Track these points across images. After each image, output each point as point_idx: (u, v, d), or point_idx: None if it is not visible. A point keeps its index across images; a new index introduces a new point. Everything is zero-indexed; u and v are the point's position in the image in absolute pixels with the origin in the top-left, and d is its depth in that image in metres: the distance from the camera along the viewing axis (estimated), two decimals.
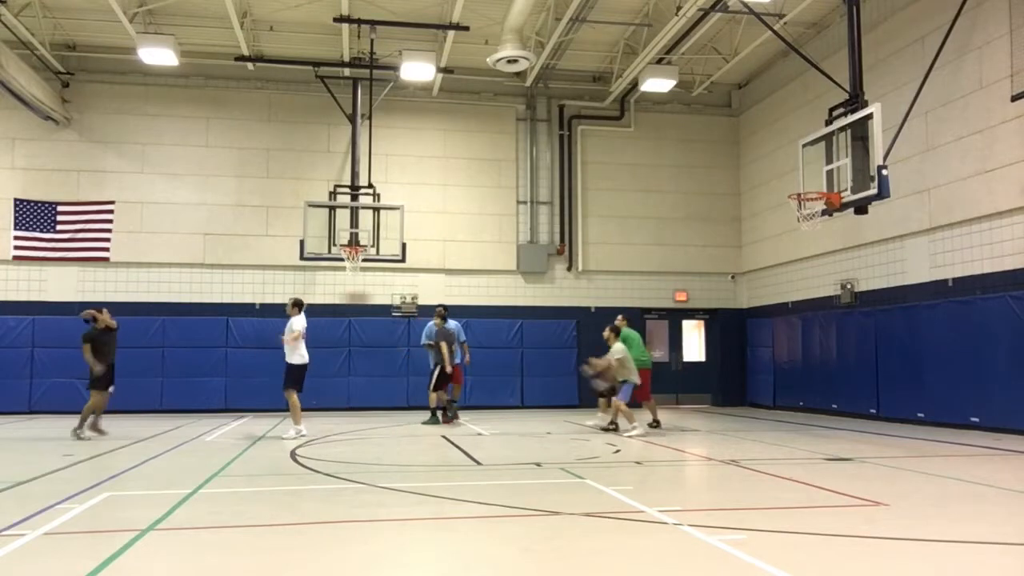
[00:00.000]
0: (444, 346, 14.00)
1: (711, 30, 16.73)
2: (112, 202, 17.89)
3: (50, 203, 17.64)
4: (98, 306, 13.57)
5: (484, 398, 18.14)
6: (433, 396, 14.38)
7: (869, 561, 4.57)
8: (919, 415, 13.74)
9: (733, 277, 20.38)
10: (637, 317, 19.90)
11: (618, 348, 12.31)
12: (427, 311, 18.80)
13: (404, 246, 16.50)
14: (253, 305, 18.31)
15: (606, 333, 12.79)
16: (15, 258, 17.43)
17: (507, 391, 18.61)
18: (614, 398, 12.36)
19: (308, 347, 18.02)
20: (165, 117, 18.33)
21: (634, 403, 12.40)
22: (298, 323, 12.18)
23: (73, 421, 12.35)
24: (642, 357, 13.14)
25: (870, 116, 10.78)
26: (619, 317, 13.69)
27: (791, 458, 9.20)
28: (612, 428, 12.77)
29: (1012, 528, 5.56)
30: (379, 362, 18.28)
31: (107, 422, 14.89)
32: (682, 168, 20.29)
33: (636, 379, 12.17)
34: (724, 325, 20.11)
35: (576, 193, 19.80)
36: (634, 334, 13.51)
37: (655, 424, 13.22)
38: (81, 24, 16.82)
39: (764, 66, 19.14)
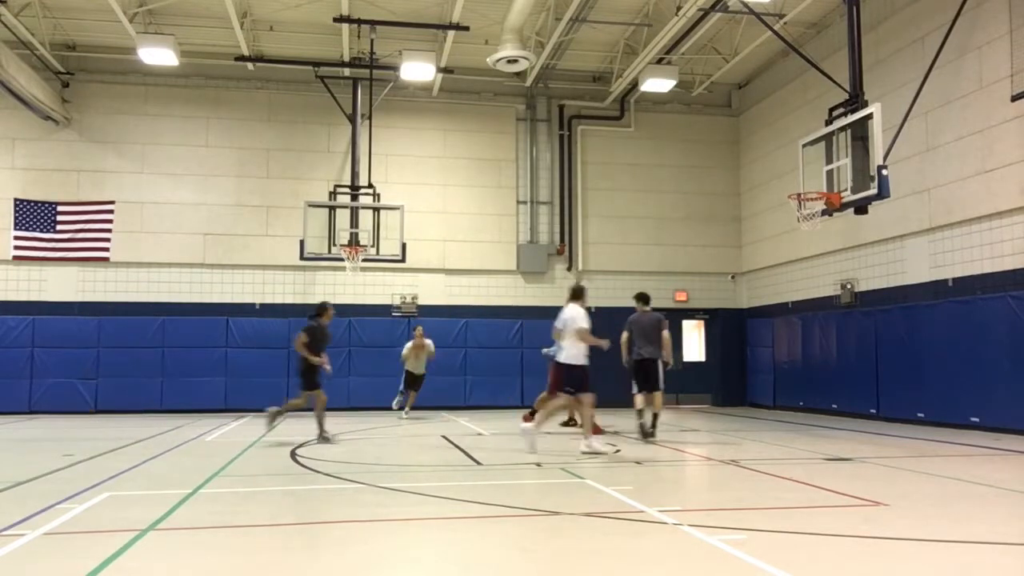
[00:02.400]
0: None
1: (711, 30, 16.73)
2: (112, 202, 17.89)
3: (50, 203, 17.64)
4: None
5: (484, 398, 18.15)
6: (639, 398, 11.29)
7: (869, 561, 4.57)
8: (919, 415, 13.74)
9: (733, 277, 20.38)
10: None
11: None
12: (427, 311, 18.84)
13: (404, 246, 16.49)
14: (253, 305, 18.31)
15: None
16: (15, 258, 17.43)
17: (507, 391, 18.59)
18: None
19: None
20: (165, 117, 18.34)
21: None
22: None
23: (73, 421, 12.34)
24: None
25: (870, 116, 10.77)
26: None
27: (791, 458, 9.20)
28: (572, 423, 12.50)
29: (1012, 528, 5.55)
30: (379, 362, 18.26)
31: (107, 422, 14.91)
32: (682, 168, 20.29)
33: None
34: (724, 325, 20.11)
35: (576, 193, 19.80)
36: None
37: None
38: (81, 24, 16.82)
39: (764, 66, 19.14)
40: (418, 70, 16.68)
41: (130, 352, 17.40)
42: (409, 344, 15.83)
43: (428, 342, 15.75)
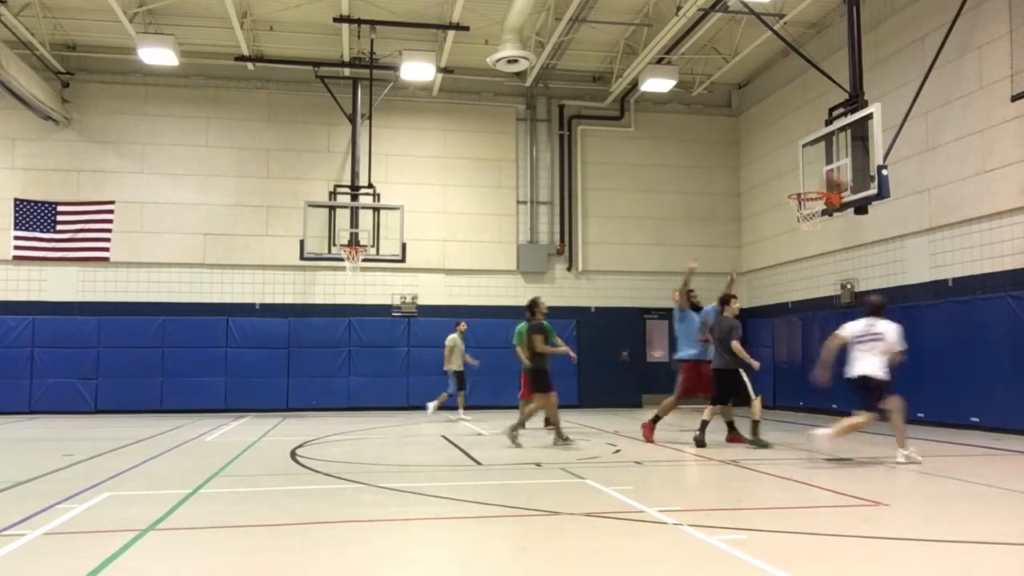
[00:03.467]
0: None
1: (711, 30, 16.74)
2: (112, 202, 17.89)
3: (50, 203, 17.64)
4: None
5: (484, 398, 18.12)
6: (757, 403, 10.44)
7: (869, 561, 4.57)
8: (919, 415, 13.71)
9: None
10: (637, 317, 19.95)
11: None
12: (427, 311, 18.84)
13: (404, 246, 16.49)
14: (253, 305, 18.31)
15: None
16: (15, 258, 17.43)
17: (508, 391, 18.55)
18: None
19: (308, 347, 18.16)
20: (165, 117, 18.34)
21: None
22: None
23: (73, 421, 12.33)
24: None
25: (870, 116, 10.78)
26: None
27: (791, 458, 9.20)
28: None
29: (1012, 528, 5.55)
30: (379, 362, 18.28)
31: (107, 422, 14.91)
32: (682, 168, 20.29)
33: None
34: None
35: (576, 193, 19.80)
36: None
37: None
38: (81, 24, 16.82)
39: (764, 66, 19.14)
40: (418, 70, 16.68)
41: (130, 352, 17.40)
42: (454, 336, 15.44)
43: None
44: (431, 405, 15.71)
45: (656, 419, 10.94)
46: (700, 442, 10.13)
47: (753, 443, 10.22)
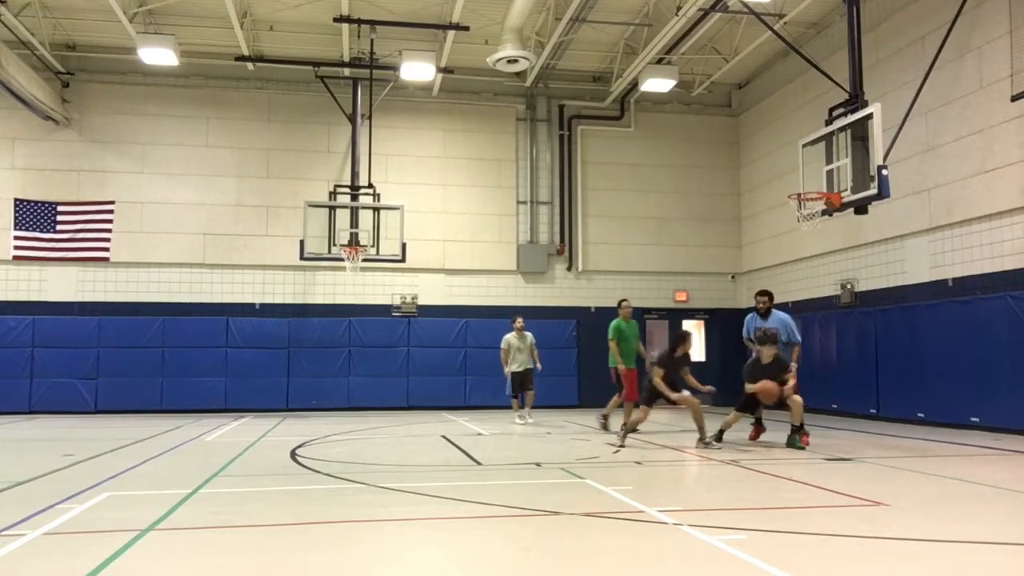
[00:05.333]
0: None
1: (711, 30, 16.74)
2: (112, 202, 17.90)
3: (50, 203, 17.64)
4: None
5: (484, 398, 18.13)
6: (798, 401, 10.35)
7: (869, 561, 4.57)
8: (919, 415, 13.73)
9: (733, 277, 20.39)
10: (637, 317, 19.90)
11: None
12: (427, 311, 18.85)
13: (404, 246, 16.48)
14: (253, 305, 18.31)
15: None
16: (15, 258, 17.43)
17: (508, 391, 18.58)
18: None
19: (308, 347, 18.15)
20: (165, 117, 18.34)
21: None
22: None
23: (73, 421, 12.32)
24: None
25: (870, 116, 10.77)
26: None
27: (791, 458, 9.20)
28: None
29: (1013, 528, 5.55)
30: (379, 362, 18.29)
31: (107, 422, 14.91)
32: (682, 168, 20.30)
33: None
34: (724, 325, 20.07)
35: (576, 193, 19.81)
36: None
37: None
38: (81, 24, 16.82)
39: (764, 66, 19.14)
40: (418, 70, 16.68)
41: (130, 352, 17.40)
42: (511, 336, 14.13)
43: (528, 334, 14.21)
44: (521, 414, 14.37)
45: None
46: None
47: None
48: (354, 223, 16.79)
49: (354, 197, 17.41)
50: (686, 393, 10.54)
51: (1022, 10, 12.09)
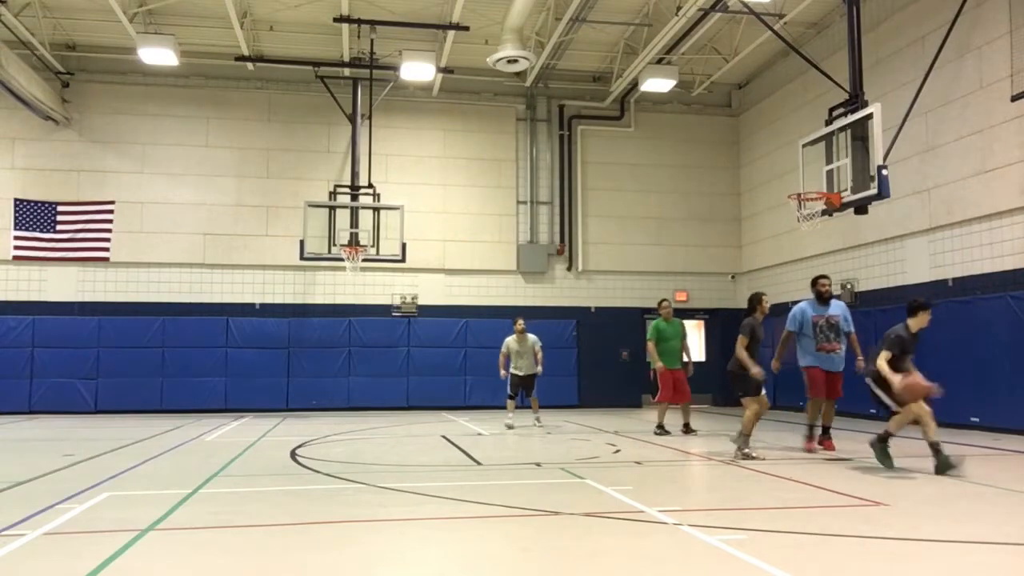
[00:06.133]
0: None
1: (711, 30, 16.74)
2: (112, 202, 17.90)
3: (50, 203, 17.65)
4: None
5: (484, 398, 18.13)
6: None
7: (869, 561, 4.57)
8: None
9: (733, 277, 20.39)
10: (637, 317, 19.94)
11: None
12: (427, 311, 18.85)
13: (404, 246, 16.48)
14: (253, 305, 18.31)
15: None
16: (15, 258, 17.43)
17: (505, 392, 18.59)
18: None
19: (308, 347, 18.15)
20: (165, 117, 18.34)
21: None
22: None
23: (73, 421, 12.32)
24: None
25: (870, 116, 10.77)
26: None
27: (791, 458, 9.20)
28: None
29: (1013, 528, 5.55)
30: (379, 362, 18.29)
31: (107, 422, 14.91)
32: (682, 168, 20.30)
33: None
34: (724, 325, 20.07)
35: (576, 193, 19.81)
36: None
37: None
38: (81, 24, 16.83)
39: (764, 66, 19.14)
40: (418, 70, 16.68)
41: (130, 352, 17.40)
42: (510, 340, 13.56)
43: (531, 336, 13.54)
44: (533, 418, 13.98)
45: (824, 429, 10.09)
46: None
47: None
48: (354, 223, 16.80)
49: (354, 197, 17.41)
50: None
51: (1022, 10, 12.09)
